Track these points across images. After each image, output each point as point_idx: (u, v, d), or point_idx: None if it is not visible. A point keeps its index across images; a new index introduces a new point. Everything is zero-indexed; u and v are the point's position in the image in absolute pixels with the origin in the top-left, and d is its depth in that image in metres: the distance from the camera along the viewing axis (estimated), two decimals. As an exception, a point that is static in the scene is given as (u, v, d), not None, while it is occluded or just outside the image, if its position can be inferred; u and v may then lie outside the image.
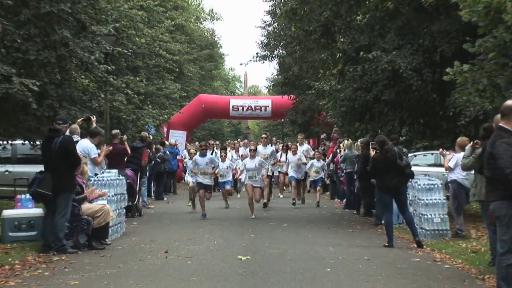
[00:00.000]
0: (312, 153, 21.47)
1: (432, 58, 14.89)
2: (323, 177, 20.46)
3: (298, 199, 19.30)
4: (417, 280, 8.49)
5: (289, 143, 22.14)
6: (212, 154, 20.84)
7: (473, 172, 10.49)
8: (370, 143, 14.12)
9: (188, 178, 18.33)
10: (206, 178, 16.05)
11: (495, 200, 6.73)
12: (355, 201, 17.85)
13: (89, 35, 16.49)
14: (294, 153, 19.23)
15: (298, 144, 21.25)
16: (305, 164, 19.28)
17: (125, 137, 16.93)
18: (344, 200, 19.39)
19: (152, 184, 21.81)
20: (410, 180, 12.30)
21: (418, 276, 8.73)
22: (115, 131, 16.66)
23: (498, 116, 8.35)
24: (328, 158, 21.34)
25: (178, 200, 21.67)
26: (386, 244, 11.48)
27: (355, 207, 17.75)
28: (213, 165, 16.33)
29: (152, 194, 21.96)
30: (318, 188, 20.09)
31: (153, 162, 20.49)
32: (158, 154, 21.73)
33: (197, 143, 28.54)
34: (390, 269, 9.32)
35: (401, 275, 8.82)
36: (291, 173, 18.99)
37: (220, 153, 20.96)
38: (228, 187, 19.17)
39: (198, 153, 16.85)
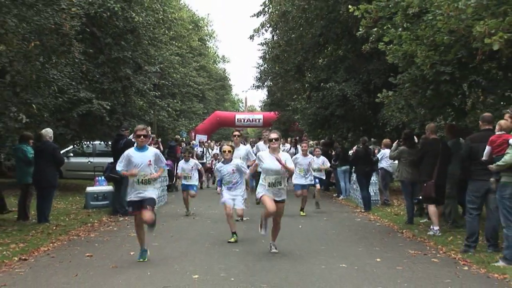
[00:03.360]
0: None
1: (368, 87, 14.86)
2: (322, 176, 12.02)
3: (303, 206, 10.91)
4: (358, 233, 8.48)
5: (303, 138, 14.89)
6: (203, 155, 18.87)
7: (396, 161, 10.49)
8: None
9: (224, 194, 8.07)
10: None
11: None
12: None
13: (143, 72, 16.55)
14: (305, 154, 10.70)
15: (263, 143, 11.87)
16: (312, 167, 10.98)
17: (159, 139, 16.75)
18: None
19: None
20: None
21: (359, 230, 8.72)
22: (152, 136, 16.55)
23: (431, 124, 8.51)
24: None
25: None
26: (363, 211, 11.31)
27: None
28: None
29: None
30: (317, 187, 11.59)
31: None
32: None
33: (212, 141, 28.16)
34: (340, 225, 9.31)
35: (348, 230, 8.82)
36: (296, 180, 10.56)
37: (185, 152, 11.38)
38: (192, 192, 10.88)
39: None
